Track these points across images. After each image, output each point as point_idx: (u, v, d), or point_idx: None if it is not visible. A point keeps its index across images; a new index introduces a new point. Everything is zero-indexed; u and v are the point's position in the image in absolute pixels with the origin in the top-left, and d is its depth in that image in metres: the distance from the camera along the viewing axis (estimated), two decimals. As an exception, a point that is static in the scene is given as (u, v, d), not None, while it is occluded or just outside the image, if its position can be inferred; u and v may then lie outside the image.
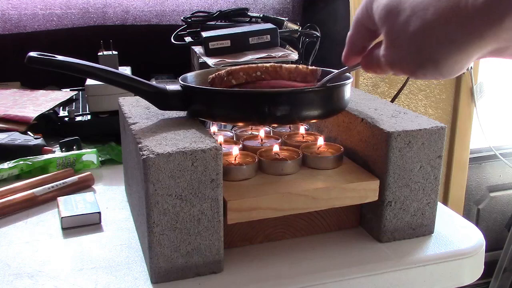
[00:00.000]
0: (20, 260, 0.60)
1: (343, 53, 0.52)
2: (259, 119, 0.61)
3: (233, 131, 0.77)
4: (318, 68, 0.65)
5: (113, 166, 0.88)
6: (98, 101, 0.98)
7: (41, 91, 1.17)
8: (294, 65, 0.64)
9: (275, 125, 0.77)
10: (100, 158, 0.88)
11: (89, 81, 0.99)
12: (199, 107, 0.63)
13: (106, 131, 0.97)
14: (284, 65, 0.64)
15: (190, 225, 0.55)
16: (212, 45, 1.06)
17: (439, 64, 0.40)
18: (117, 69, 0.97)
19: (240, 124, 0.77)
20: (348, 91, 0.65)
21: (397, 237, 0.64)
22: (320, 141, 0.69)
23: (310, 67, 0.65)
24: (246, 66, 0.64)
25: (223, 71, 0.65)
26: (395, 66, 0.44)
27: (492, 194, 1.93)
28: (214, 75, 0.65)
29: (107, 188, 0.80)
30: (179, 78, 0.68)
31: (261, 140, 0.72)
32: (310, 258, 0.61)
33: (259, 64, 0.64)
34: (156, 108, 0.66)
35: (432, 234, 0.65)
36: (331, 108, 0.64)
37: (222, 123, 0.79)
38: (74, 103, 1.09)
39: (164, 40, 1.22)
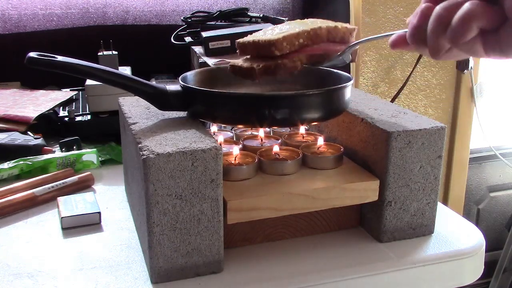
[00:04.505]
0: (20, 260, 0.60)
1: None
2: (259, 121, 0.60)
3: (233, 131, 0.77)
4: (355, 27, 0.64)
5: (113, 166, 0.88)
6: (98, 101, 0.98)
7: (41, 91, 1.17)
8: (333, 25, 0.63)
9: (275, 127, 0.77)
10: (100, 158, 0.88)
11: (89, 81, 0.98)
12: (199, 108, 0.63)
13: (106, 131, 0.97)
14: (323, 25, 0.62)
15: (190, 225, 0.55)
16: (212, 45, 1.06)
17: None
18: (117, 69, 0.97)
19: (240, 126, 0.77)
20: (348, 92, 0.65)
21: (397, 237, 0.64)
22: (320, 141, 0.69)
23: (348, 27, 0.64)
24: (288, 34, 0.60)
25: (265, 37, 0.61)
26: None
27: (492, 194, 1.93)
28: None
29: (107, 188, 0.80)
30: (179, 78, 0.68)
31: (261, 140, 0.72)
32: (310, 258, 0.61)
33: (299, 31, 0.61)
34: (156, 108, 0.66)
35: (432, 234, 0.65)
36: (332, 110, 0.63)
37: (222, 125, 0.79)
38: (74, 103, 1.09)
39: (164, 40, 1.22)
